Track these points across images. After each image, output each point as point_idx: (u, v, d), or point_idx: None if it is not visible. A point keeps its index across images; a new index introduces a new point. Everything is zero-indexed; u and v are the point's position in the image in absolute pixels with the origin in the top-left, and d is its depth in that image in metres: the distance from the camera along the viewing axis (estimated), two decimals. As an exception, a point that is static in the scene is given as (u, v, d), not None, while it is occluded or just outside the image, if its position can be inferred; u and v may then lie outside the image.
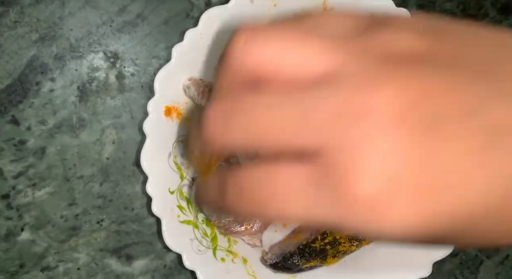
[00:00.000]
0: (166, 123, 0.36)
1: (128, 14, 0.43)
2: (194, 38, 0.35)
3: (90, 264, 0.43)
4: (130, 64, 0.43)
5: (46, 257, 0.42)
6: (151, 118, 0.35)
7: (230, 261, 0.37)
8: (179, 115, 0.36)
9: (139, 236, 0.43)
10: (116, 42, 0.43)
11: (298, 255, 0.36)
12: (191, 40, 0.35)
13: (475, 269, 0.48)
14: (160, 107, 0.35)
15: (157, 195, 0.35)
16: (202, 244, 0.36)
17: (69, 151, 0.42)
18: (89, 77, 0.42)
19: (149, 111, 0.35)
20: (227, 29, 0.36)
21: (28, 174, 0.42)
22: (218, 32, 0.36)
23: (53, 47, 0.42)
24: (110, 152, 0.43)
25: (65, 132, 0.42)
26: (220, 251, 0.37)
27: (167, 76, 0.35)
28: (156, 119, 0.35)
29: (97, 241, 0.43)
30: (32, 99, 0.42)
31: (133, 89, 0.43)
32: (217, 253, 0.37)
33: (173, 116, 0.36)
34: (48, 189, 0.42)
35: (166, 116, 0.36)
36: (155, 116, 0.35)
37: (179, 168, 0.37)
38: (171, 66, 0.35)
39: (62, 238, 0.42)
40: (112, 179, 0.43)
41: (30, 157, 0.42)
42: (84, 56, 0.42)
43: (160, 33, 0.43)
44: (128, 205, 0.43)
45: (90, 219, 0.43)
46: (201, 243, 0.36)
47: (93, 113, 0.42)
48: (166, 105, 0.36)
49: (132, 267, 0.43)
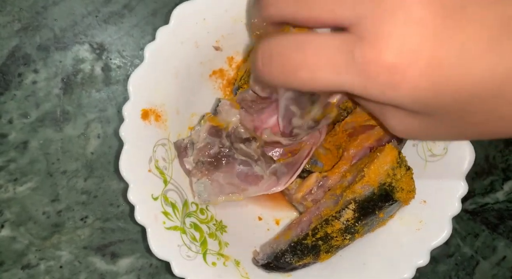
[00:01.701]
0: (144, 127, 0.34)
1: (115, 5, 0.41)
2: (167, 36, 0.34)
3: (73, 262, 0.41)
4: (116, 56, 0.41)
5: (27, 254, 0.41)
6: (127, 123, 0.33)
7: (222, 264, 0.36)
8: (158, 117, 0.35)
9: (124, 233, 0.42)
10: (102, 33, 0.41)
11: (290, 253, 0.35)
12: (164, 38, 0.33)
13: (470, 271, 0.46)
14: (136, 111, 0.34)
15: (140, 203, 0.33)
16: (191, 250, 0.35)
17: (52, 145, 0.41)
18: (74, 69, 0.41)
19: (125, 116, 0.33)
20: (200, 24, 0.34)
21: (9, 169, 0.40)
22: (191, 28, 0.34)
23: (36, 37, 0.40)
24: (95, 146, 0.41)
25: (48, 126, 0.41)
26: (210, 255, 0.36)
27: (142, 77, 0.33)
28: (132, 124, 0.33)
29: (80, 238, 0.41)
30: (14, 91, 0.40)
31: (119, 81, 0.42)
32: (208, 257, 0.35)
33: (150, 119, 0.34)
34: (30, 184, 0.41)
35: (143, 120, 0.34)
36: (131, 120, 0.33)
37: (162, 173, 0.35)
38: (144, 67, 0.33)
39: (44, 235, 0.41)
40: (97, 175, 0.41)
41: (12, 151, 0.40)
42: (68, 47, 0.41)
43: (147, 24, 0.42)
44: (114, 202, 0.42)
45: (74, 216, 0.41)
46: (190, 248, 0.35)
47: (78, 106, 0.41)
48: (143, 108, 0.34)
49: (117, 265, 0.42)
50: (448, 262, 0.46)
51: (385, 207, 0.33)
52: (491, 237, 0.47)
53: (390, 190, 0.32)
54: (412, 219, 0.36)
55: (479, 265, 0.47)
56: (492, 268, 0.47)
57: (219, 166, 0.36)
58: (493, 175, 0.46)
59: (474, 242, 0.46)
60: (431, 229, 0.36)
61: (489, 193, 0.46)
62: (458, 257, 0.46)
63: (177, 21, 0.33)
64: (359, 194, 0.33)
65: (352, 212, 0.33)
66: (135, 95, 0.33)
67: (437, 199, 0.36)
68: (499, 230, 0.47)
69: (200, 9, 0.34)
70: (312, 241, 0.34)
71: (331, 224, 0.34)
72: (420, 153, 0.37)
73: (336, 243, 0.34)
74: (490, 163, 0.46)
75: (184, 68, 0.35)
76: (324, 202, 0.35)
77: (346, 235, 0.34)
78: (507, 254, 0.47)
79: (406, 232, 0.36)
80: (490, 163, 0.46)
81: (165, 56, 0.34)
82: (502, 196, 0.47)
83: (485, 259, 0.47)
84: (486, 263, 0.47)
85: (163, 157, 0.35)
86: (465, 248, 0.46)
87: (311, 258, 0.35)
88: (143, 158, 0.34)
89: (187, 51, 0.35)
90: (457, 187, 0.35)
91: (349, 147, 0.37)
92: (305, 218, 0.35)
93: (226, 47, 0.37)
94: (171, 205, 0.35)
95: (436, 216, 0.36)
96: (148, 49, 0.33)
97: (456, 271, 0.46)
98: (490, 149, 0.46)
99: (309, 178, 0.37)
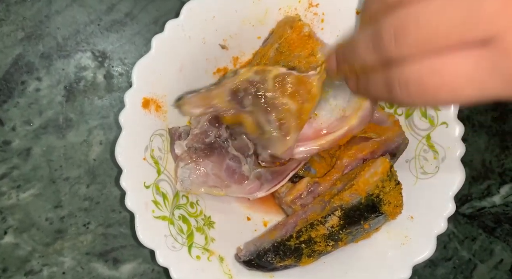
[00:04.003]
0: (144, 116, 0.34)
1: (117, 13, 0.42)
2: (175, 29, 0.34)
3: (75, 268, 0.42)
4: (118, 64, 0.42)
5: (30, 261, 0.41)
6: (127, 110, 0.33)
7: (206, 259, 0.36)
8: (158, 107, 0.35)
9: (126, 239, 0.42)
10: (104, 41, 0.42)
11: (272, 253, 0.35)
12: (172, 31, 0.34)
13: (468, 274, 0.47)
14: (138, 98, 0.34)
15: (131, 189, 0.34)
16: (177, 241, 0.35)
17: (55, 152, 0.41)
18: (76, 77, 0.42)
19: (126, 102, 0.33)
20: (210, 21, 0.35)
21: (13, 176, 0.41)
22: (200, 24, 0.35)
23: (39, 46, 0.41)
24: (97, 153, 0.42)
25: (51, 133, 0.41)
26: (196, 248, 0.36)
27: (147, 66, 0.34)
28: (132, 111, 0.34)
29: (83, 244, 0.42)
30: (17, 98, 0.41)
31: (122, 89, 0.42)
32: (193, 250, 0.36)
33: (151, 108, 0.35)
34: (33, 191, 0.41)
35: (143, 108, 0.34)
36: (131, 107, 0.33)
37: (157, 163, 0.35)
38: (151, 56, 0.34)
39: (46, 241, 0.41)
40: (99, 181, 0.42)
41: (15, 158, 0.41)
42: (71, 55, 0.41)
43: (149, 32, 0.42)
44: (116, 208, 0.42)
45: (76, 222, 0.42)
46: (176, 240, 0.35)
47: (80, 113, 0.42)
48: (144, 96, 0.34)
49: (119, 271, 0.42)
50: (447, 266, 0.47)
51: (370, 218, 0.33)
52: (488, 241, 0.47)
53: (377, 202, 0.33)
54: (398, 233, 0.37)
55: (476, 268, 0.47)
56: (489, 271, 0.47)
57: (210, 155, 0.36)
58: (490, 179, 0.47)
59: (472, 246, 0.47)
60: (416, 245, 0.36)
61: (486, 197, 0.47)
62: (456, 261, 0.47)
63: (187, 15, 0.34)
64: (346, 202, 0.33)
65: (338, 219, 0.33)
66: (138, 83, 0.33)
67: (424, 217, 0.36)
68: (496, 234, 0.47)
69: (211, 7, 0.34)
70: (295, 243, 0.35)
71: (315, 228, 0.34)
72: (412, 170, 0.38)
73: (318, 248, 0.35)
74: (486, 168, 0.47)
75: (189, 62, 0.36)
76: (311, 207, 0.36)
77: (330, 241, 0.34)
78: (504, 257, 0.47)
79: (391, 246, 0.37)
80: (487, 167, 0.47)
81: (171, 49, 0.34)
82: (499, 200, 0.47)
83: (482, 262, 0.47)
84: (483, 266, 0.47)
85: (159, 147, 0.36)
86: (463, 251, 0.47)
87: (293, 260, 0.35)
88: (139, 145, 0.34)
89: (194, 46, 0.35)
90: (445, 207, 0.36)
91: (343, 157, 0.37)
92: (291, 220, 0.36)
93: (232, 46, 0.37)
94: (162, 195, 0.35)
95: (422, 233, 0.36)
96: (155, 39, 0.33)
97: (455, 274, 0.47)
98: (486, 154, 0.47)
99: (300, 183, 0.37)
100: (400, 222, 0.36)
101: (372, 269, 0.37)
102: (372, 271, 0.36)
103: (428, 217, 0.36)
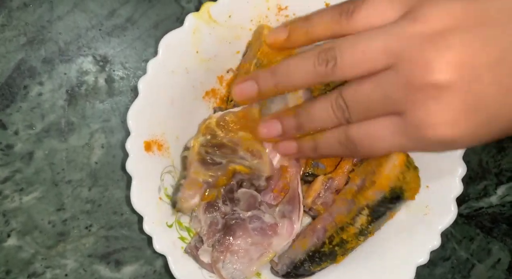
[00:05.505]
0: (149, 158, 0.35)
1: (118, 18, 0.42)
2: (157, 67, 0.34)
3: (78, 270, 0.42)
4: (119, 68, 0.43)
5: (33, 263, 0.42)
6: (132, 158, 0.34)
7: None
8: (160, 147, 0.36)
9: (128, 241, 0.43)
10: (105, 46, 0.42)
11: (308, 261, 0.35)
12: (155, 70, 0.34)
13: (466, 273, 0.47)
14: (139, 144, 0.35)
15: (156, 233, 0.34)
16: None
17: (57, 155, 0.42)
18: (78, 81, 0.42)
19: (129, 151, 0.34)
20: (188, 51, 0.36)
21: (15, 179, 0.41)
22: (180, 56, 0.35)
23: (41, 50, 0.42)
24: (99, 156, 0.42)
25: (53, 137, 0.42)
26: None
27: (140, 111, 0.34)
28: (137, 158, 0.34)
29: (85, 246, 0.42)
30: (20, 103, 0.41)
31: (123, 92, 0.43)
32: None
33: (154, 150, 0.35)
34: (35, 194, 0.42)
35: (147, 152, 0.35)
36: (135, 154, 0.34)
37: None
38: (140, 100, 0.34)
39: (49, 244, 0.42)
40: (101, 184, 0.42)
41: (18, 161, 0.41)
42: (73, 60, 0.42)
43: (150, 36, 0.43)
44: (117, 210, 0.43)
45: (79, 225, 0.42)
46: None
47: (82, 117, 0.42)
48: (145, 140, 0.35)
49: (121, 273, 0.43)
50: (445, 265, 0.47)
51: (395, 207, 0.34)
52: (486, 241, 0.48)
53: (401, 192, 0.33)
54: (418, 206, 0.37)
55: (474, 268, 0.48)
56: (487, 271, 0.48)
57: (233, 234, 0.35)
58: (487, 180, 0.48)
59: (470, 246, 0.48)
60: (439, 212, 0.37)
61: (483, 198, 0.48)
62: (454, 260, 0.47)
63: (165, 51, 0.35)
64: (372, 200, 0.33)
65: (366, 217, 0.34)
66: (136, 129, 0.34)
67: (439, 182, 0.37)
68: (494, 234, 0.48)
69: (186, 38, 0.35)
70: (329, 248, 0.35)
71: (346, 230, 0.34)
72: None
73: (351, 246, 0.35)
74: (483, 168, 0.48)
75: (178, 95, 0.36)
76: (336, 208, 0.36)
77: (360, 237, 0.35)
78: (502, 257, 0.48)
79: (414, 219, 0.37)
80: (484, 168, 0.48)
81: (158, 88, 0.35)
82: (496, 200, 0.48)
83: (480, 262, 0.48)
84: (481, 266, 0.48)
85: (171, 184, 0.36)
86: (460, 251, 0.47)
87: (329, 263, 0.36)
88: (152, 188, 0.35)
89: (179, 78, 0.36)
90: (456, 169, 0.36)
91: None
92: (319, 225, 0.36)
93: (214, 67, 0.38)
94: (186, 230, 0.36)
95: (440, 199, 0.37)
96: (141, 83, 0.34)
97: (453, 274, 0.47)
98: (483, 154, 0.48)
99: (315, 183, 0.38)
100: (418, 194, 0.36)
101: (401, 246, 0.37)
102: (403, 246, 0.37)
103: (442, 182, 0.37)
